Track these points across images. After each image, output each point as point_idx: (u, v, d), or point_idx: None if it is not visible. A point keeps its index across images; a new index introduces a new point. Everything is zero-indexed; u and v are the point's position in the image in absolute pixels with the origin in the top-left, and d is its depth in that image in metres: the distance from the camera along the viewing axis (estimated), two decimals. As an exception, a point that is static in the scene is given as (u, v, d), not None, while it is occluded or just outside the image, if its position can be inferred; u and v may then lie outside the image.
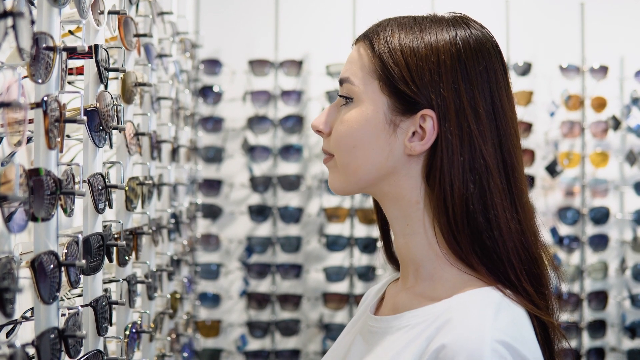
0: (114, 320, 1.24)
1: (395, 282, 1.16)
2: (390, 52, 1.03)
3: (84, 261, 0.97)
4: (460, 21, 1.07)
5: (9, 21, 0.75)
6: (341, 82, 1.07)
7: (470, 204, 1.00)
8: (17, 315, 1.00)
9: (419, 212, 1.04)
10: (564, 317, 3.51)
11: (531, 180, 3.52)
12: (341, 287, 3.57)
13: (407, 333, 0.99)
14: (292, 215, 3.59)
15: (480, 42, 1.05)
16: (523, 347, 0.93)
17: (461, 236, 1.00)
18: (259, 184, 3.55)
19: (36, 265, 0.86)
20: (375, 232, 3.58)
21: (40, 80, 0.88)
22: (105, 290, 1.21)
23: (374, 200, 1.21)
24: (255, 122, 3.57)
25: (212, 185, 3.59)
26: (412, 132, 1.02)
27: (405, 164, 1.04)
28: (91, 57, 1.10)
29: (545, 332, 1.04)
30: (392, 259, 1.19)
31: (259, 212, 3.59)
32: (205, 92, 3.56)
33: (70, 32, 1.26)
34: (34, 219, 0.85)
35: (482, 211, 1.00)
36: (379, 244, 3.43)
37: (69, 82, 1.26)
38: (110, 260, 1.22)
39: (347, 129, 1.04)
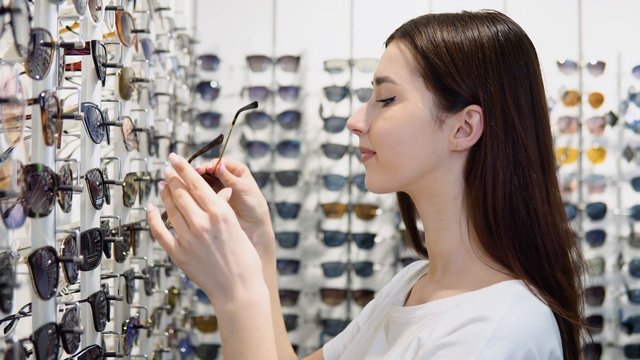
0: (111, 315, 1.24)
1: (423, 277, 1.17)
2: (435, 48, 1.02)
3: (81, 257, 0.97)
4: (497, 17, 1.07)
5: (7, 17, 0.75)
6: (379, 80, 1.06)
7: (513, 196, 1.00)
8: (15, 311, 1.00)
9: (455, 207, 1.05)
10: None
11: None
12: (339, 282, 3.57)
13: (429, 322, 0.99)
14: (290, 211, 3.58)
15: (519, 37, 1.05)
16: (530, 338, 0.93)
17: (500, 230, 1.00)
18: (257, 179, 3.54)
19: (34, 261, 0.87)
20: (372, 227, 3.58)
21: (37, 77, 0.88)
22: (103, 285, 1.21)
23: (399, 195, 1.20)
24: (253, 118, 3.57)
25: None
26: (457, 128, 1.02)
27: (448, 159, 1.03)
28: (89, 53, 1.10)
29: (570, 330, 1.04)
30: (422, 250, 1.19)
31: (257, 208, 3.58)
32: (203, 88, 3.56)
33: (68, 28, 1.27)
34: (32, 214, 0.85)
35: (524, 204, 1.01)
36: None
37: (67, 78, 1.26)
38: (108, 256, 1.22)
39: (391, 125, 1.03)
